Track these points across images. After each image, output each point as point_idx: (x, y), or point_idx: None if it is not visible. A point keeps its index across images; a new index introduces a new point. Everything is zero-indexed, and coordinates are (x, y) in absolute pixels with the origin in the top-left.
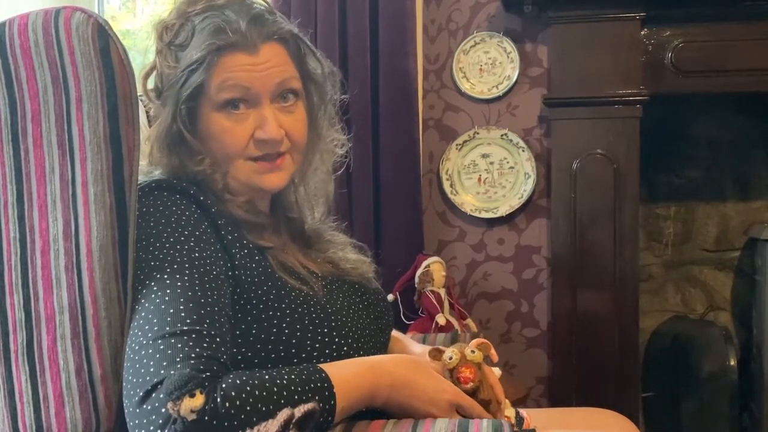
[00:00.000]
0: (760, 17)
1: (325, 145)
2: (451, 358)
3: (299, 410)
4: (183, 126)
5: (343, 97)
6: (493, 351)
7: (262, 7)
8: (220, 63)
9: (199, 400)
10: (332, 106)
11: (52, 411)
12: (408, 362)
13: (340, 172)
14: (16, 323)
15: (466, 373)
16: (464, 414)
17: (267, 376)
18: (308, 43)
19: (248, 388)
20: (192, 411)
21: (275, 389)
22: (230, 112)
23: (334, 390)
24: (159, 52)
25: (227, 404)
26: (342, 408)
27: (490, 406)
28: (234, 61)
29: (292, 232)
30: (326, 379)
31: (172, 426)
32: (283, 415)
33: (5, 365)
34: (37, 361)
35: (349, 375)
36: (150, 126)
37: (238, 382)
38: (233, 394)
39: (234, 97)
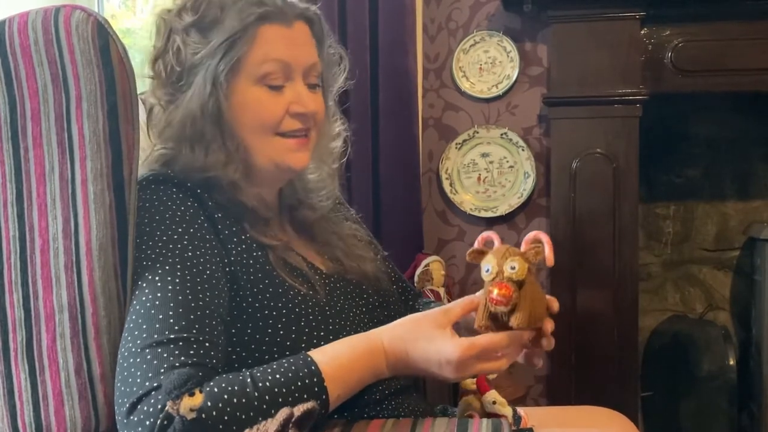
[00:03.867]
0: (760, 17)
1: (334, 130)
2: (488, 271)
3: (298, 409)
4: (224, 99)
5: (350, 82)
6: (548, 254)
7: None
8: (260, 33)
9: (198, 399)
10: (338, 92)
11: (52, 410)
12: (404, 331)
13: (341, 162)
14: (16, 322)
15: (498, 293)
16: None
17: (249, 379)
18: (326, 27)
19: (226, 396)
20: (191, 410)
21: (257, 393)
22: (270, 86)
23: (325, 384)
24: (176, 32)
25: (213, 413)
26: (338, 396)
27: (524, 335)
28: (273, 32)
29: (297, 226)
30: (316, 372)
31: (171, 425)
32: (282, 414)
33: (5, 364)
34: (36, 359)
35: (343, 361)
36: (150, 116)
37: (216, 390)
38: (209, 404)
39: (276, 71)
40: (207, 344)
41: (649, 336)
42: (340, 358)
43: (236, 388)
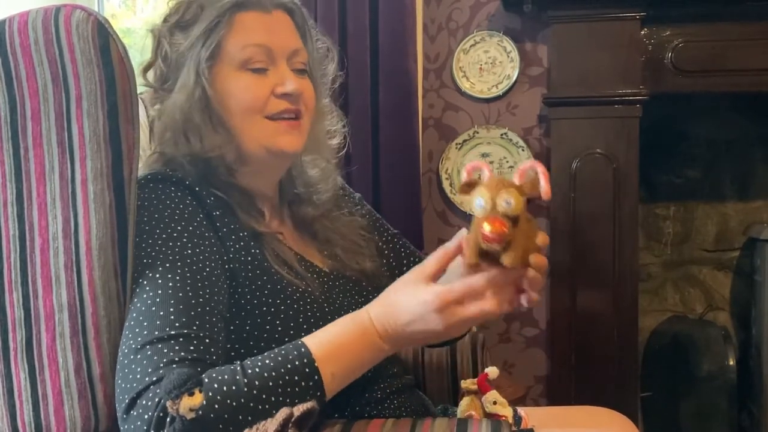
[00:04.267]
0: (760, 17)
1: (327, 127)
2: (480, 205)
3: (298, 409)
4: (207, 84)
5: (340, 74)
6: (544, 186)
7: None
8: (237, 20)
9: (198, 398)
10: (331, 85)
11: (51, 409)
12: (386, 298)
13: (339, 156)
14: (16, 321)
15: (491, 229)
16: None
17: (240, 368)
18: (310, 19)
19: (216, 386)
20: (191, 409)
21: (246, 380)
22: (254, 70)
23: (316, 364)
24: (163, 36)
25: (210, 410)
26: (332, 375)
27: (510, 274)
28: (251, 19)
29: (297, 223)
30: (306, 354)
31: (172, 425)
32: (282, 414)
33: (4, 363)
34: (36, 359)
35: (333, 339)
36: (152, 129)
37: (208, 382)
38: (207, 402)
39: (257, 56)
40: (207, 340)
41: (648, 336)
42: (329, 338)
43: (227, 377)
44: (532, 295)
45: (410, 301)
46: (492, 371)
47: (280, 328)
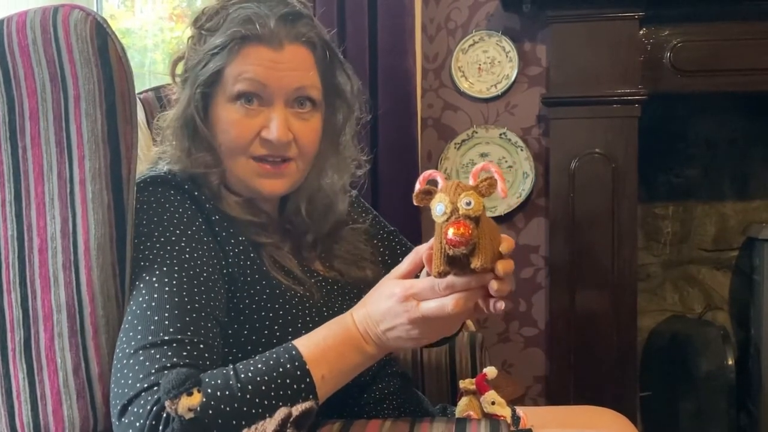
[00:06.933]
0: (759, 17)
1: (344, 162)
2: (441, 210)
3: (296, 409)
4: (195, 111)
5: (369, 118)
6: (501, 185)
7: (299, 8)
8: (241, 53)
9: (196, 398)
10: (356, 125)
11: (50, 409)
12: (366, 299)
13: (358, 188)
14: (14, 321)
15: (454, 232)
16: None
17: (232, 372)
18: (339, 55)
19: (210, 391)
20: (190, 409)
21: (239, 384)
22: (243, 105)
23: (308, 366)
24: (191, 37)
25: (209, 411)
26: (322, 377)
27: (485, 277)
28: (256, 53)
29: (294, 239)
30: (297, 357)
31: (169, 425)
32: (281, 413)
33: (3, 363)
34: (34, 359)
35: (320, 341)
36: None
37: (202, 384)
38: (204, 403)
39: (249, 90)
40: (201, 346)
41: (648, 336)
42: (317, 340)
43: (219, 381)
44: (499, 304)
45: (380, 296)
46: (490, 371)
47: (278, 333)
